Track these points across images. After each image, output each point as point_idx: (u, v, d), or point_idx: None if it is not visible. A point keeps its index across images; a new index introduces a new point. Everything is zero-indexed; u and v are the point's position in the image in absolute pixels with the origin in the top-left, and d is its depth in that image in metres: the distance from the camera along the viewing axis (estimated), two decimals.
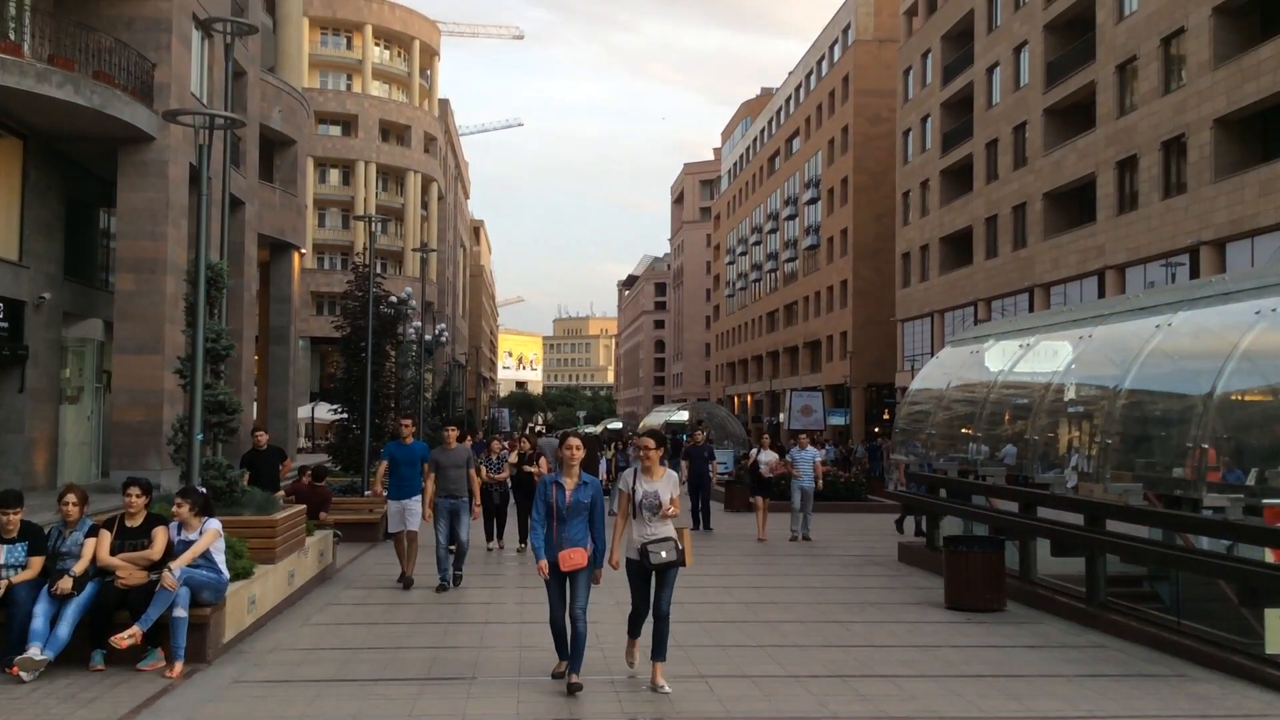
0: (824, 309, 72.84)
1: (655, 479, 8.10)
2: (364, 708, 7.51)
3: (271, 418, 33.06)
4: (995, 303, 47.26)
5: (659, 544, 7.93)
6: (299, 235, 36.74)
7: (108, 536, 8.99)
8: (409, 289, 39.23)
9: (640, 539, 7.99)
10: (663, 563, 7.90)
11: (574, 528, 7.90)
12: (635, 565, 8.07)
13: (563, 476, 8.04)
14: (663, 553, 7.90)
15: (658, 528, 8.00)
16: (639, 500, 8.04)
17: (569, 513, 7.88)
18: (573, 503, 7.91)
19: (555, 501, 7.90)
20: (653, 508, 7.98)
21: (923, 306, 55.45)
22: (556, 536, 7.86)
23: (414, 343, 40.22)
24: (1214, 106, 31.98)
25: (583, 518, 7.95)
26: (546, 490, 7.99)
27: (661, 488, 8.06)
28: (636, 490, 8.07)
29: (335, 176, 73.94)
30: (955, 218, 52.01)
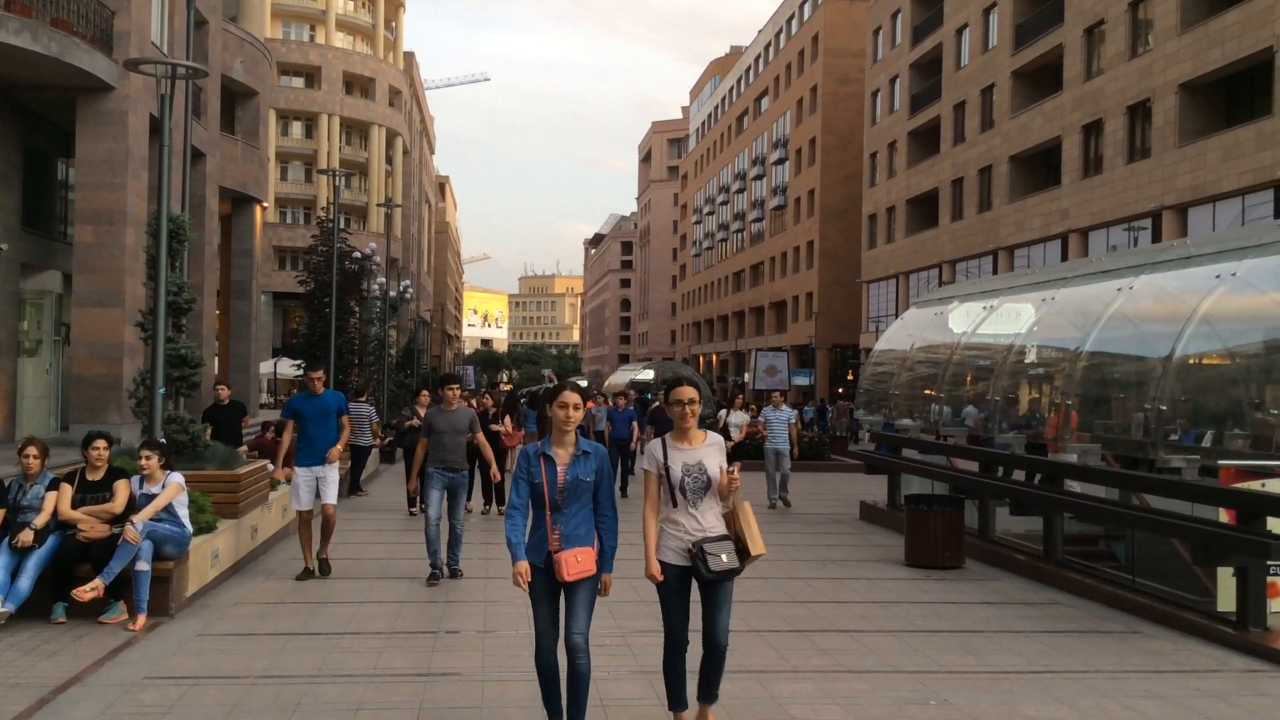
0: (790, 269, 73.00)
1: (695, 444, 5.85)
2: (329, 661, 7.55)
3: (233, 373, 32.82)
4: (960, 265, 47.57)
5: (716, 544, 5.76)
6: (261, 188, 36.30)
7: (69, 490, 8.93)
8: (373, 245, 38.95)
9: (686, 536, 5.83)
10: (724, 569, 5.75)
11: (574, 518, 5.63)
12: (676, 574, 5.87)
13: (553, 446, 5.67)
14: (723, 555, 5.74)
15: (708, 518, 5.84)
16: (678, 479, 5.80)
17: (565, 497, 5.60)
18: (570, 482, 5.60)
19: (546, 481, 5.60)
20: (699, 488, 5.78)
21: (888, 268, 55.71)
22: (551, 530, 5.60)
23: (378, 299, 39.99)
24: (1179, 71, 32.18)
25: (585, 502, 5.68)
26: (532, 466, 5.66)
27: (706, 456, 5.83)
28: (672, 465, 5.81)
29: (298, 129, 72.95)
30: (922, 180, 52.16)
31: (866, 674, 7.46)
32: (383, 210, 63.23)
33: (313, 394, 10.80)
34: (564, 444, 5.63)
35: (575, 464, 5.62)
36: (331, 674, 7.23)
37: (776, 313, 77.25)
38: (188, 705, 6.47)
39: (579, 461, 5.61)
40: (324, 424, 10.70)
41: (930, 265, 50.44)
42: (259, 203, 35.87)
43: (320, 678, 7.12)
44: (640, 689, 6.99)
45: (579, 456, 5.64)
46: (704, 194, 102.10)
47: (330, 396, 10.90)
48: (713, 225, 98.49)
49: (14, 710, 6.29)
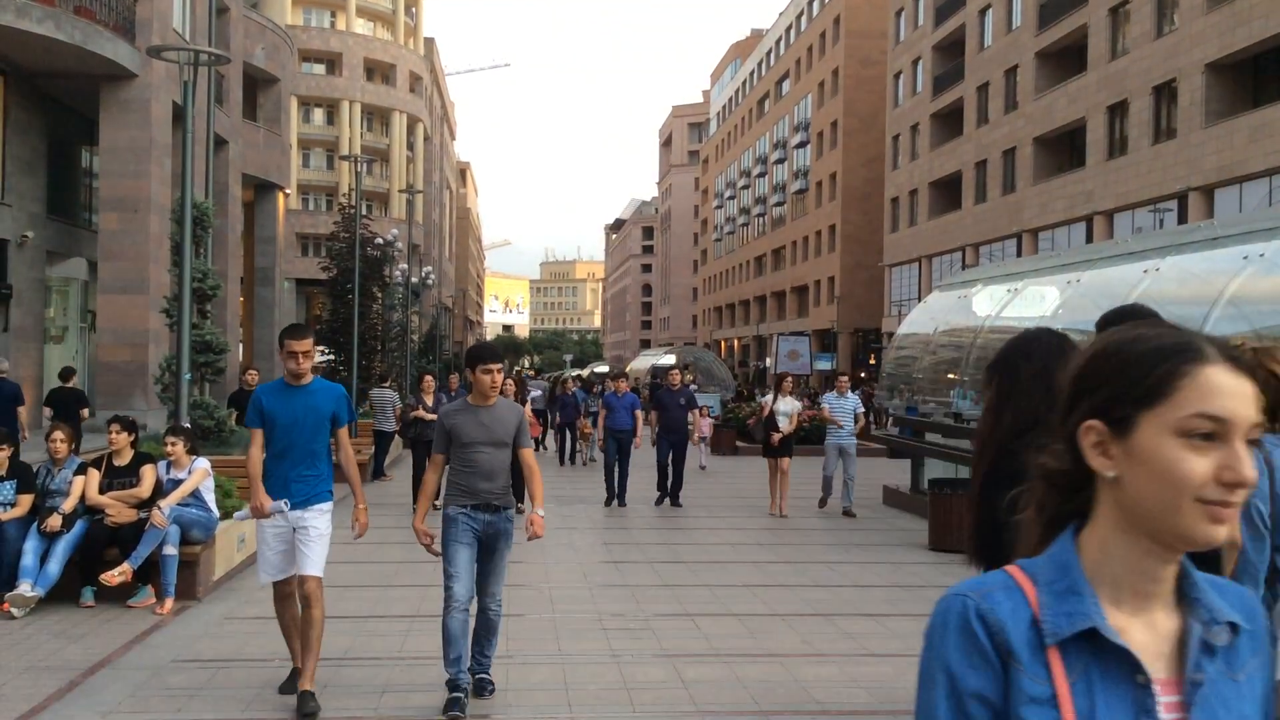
0: (812, 254, 72.76)
1: None
2: (355, 644, 7.60)
3: (257, 360, 33.01)
4: (983, 248, 47.29)
5: None
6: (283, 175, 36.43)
7: (96, 475, 9.01)
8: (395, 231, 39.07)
9: None
10: None
11: None
12: None
13: None
14: None
15: None
16: None
17: None
18: None
19: None
20: None
21: (910, 252, 55.44)
22: None
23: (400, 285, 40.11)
24: (1206, 51, 31.82)
25: None
26: None
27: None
28: None
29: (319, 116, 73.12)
30: (945, 162, 51.83)
31: (890, 658, 7.44)
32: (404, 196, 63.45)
33: (292, 383, 6.49)
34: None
35: None
36: (358, 656, 7.28)
37: (798, 297, 77.02)
38: (216, 687, 6.53)
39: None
40: (308, 435, 6.44)
41: (953, 249, 50.17)
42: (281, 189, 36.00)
43: (346, 660, 7.17)
44: (664, 673, 7.00)
45: None
46: (725, 178, 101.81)
47: (323, 391, 6.55)
48: (734, 210, 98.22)
49: (44, 693, 6.36)
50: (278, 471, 6.46)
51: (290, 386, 6.49)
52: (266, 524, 6.43)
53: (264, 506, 6.38)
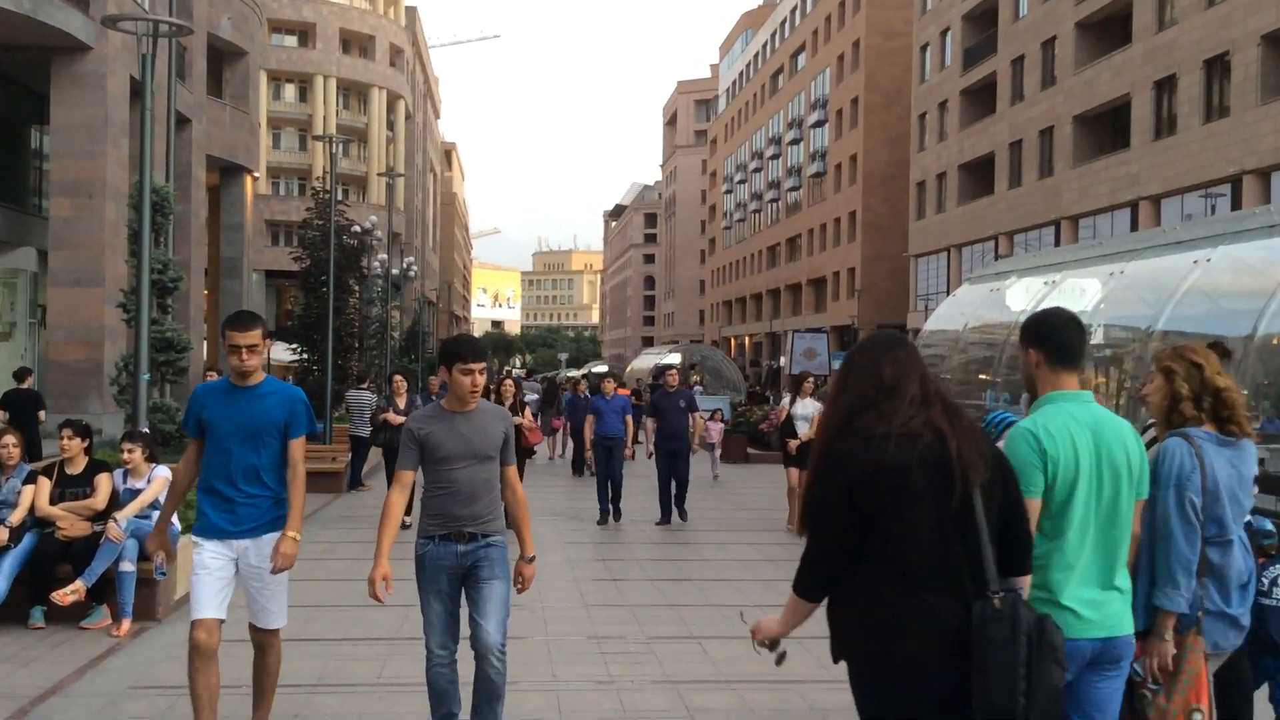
0: (830, 243, 72.77)
1: None
2: (329, 669, 7.60)
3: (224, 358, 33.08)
4: (1018, 237, 47.29)
5: None
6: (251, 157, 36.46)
7: (47, 484, 8.99)
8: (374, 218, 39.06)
9: None
10: None
11: None
12: None
13: None
14: None
15: None
16: None
17: None
18: None
19: None
20: None
21: (938, 240, 55.44)
22: None
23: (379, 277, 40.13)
24: (1262, 21, 31.79)
25: None
26: None
27: None
28: None
29: (291, 92, 73.19)
30: (976, 143, 51.82)
31: None
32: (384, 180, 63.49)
33: (238, 384, 5.87)
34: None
35: None
36: (332, 683, 7.28)
37: (815, 290, 77.02)
38: (178, 716, 6.53)
39: None
40: (255, 447, 5.80)
41: (985, 237, 50.16)
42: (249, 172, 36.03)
43: (320, 687, 7.18)
44: (667, 700, 7.00)
45: None
46: (735, 160, 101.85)
47: (275, 394, 5.90)
48: (745, 195, 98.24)
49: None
50: (218, 491, 5.77)
51: (236, 388, 5.82)
52: (206, 546, 5.74)
53: (158, 550, 6.37)
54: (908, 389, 3.46)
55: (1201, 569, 4.26)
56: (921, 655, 3.27)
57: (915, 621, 3.27)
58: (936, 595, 3.27)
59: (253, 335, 5.79)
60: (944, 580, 3.29)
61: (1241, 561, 4.37)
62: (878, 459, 3.33)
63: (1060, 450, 3.79)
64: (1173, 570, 4.15)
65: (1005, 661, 3.18)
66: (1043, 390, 4.00)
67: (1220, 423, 4.35)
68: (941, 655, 3.25)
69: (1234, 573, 4.35)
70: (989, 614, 3.23)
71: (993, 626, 3.21)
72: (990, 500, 3.37)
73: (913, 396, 3.45)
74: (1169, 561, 4.16)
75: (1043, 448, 3.78)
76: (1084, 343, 4.13)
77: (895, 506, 3.30)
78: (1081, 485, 3.80)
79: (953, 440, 3.35)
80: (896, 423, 3.38)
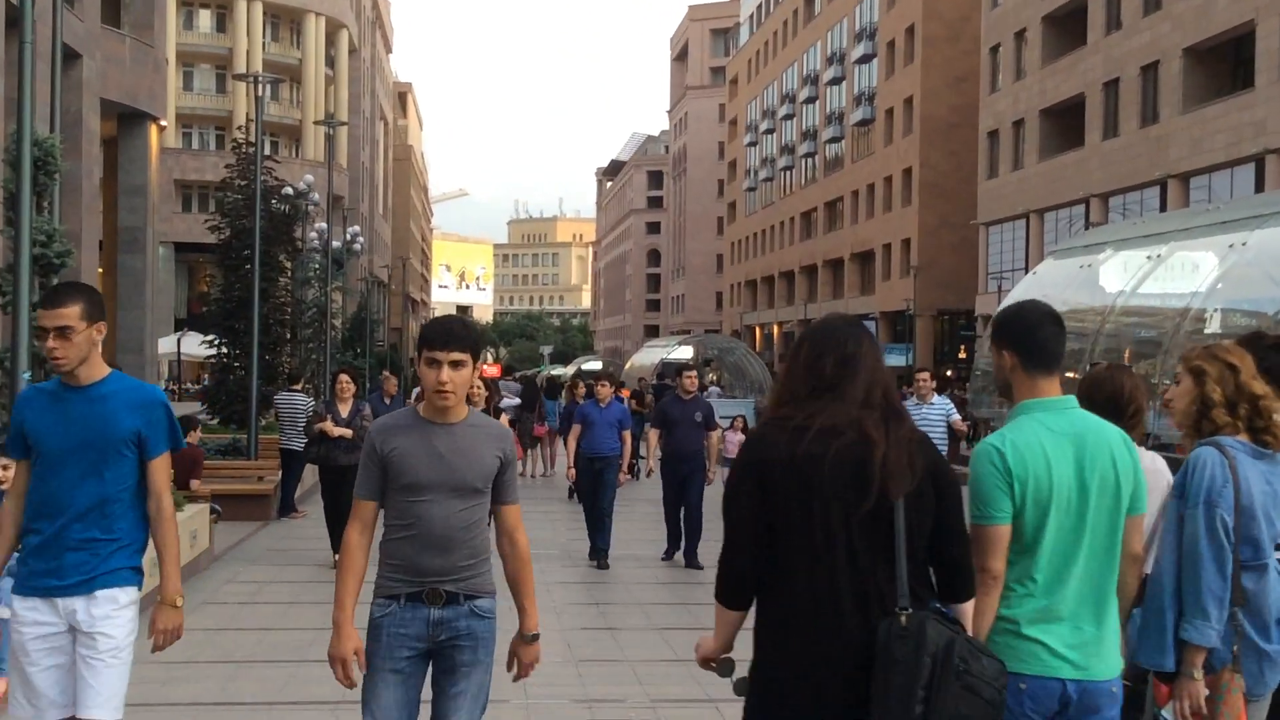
0: (879, 208, 72.72)
1: None
2: None
3: (122, 353, 33.03)
4: (1114, 199, 47.24)
5: None
6: (157, 102, 36.44)
7: None
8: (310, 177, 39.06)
9: None
10: None
11: None
12: None
13: None
14: None
15: None
16: None
17: None
18: None
19: None
20: None
21: (1015, 205, 55.37)
22: None
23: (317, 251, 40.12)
24: None
25: None
26: None
27: None
28: None
29: (206, 20, 73.23)
30: (1062, 82, 51.76)
31: None
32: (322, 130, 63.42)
33: (69, 383, 5.24)
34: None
35: None
36: None
37: (860, 267, 76.98)
38: None
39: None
40: (91, 470, 5.20)
41: (1073, 200, 50.09)
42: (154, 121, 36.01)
43: None
44: None
45: None
46: (760, 105, 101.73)
47: (120, 395, 5.28)
48: (773, 148, 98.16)
49: None
50: (41, 532, 5.16)
51: (67, 388, 5.19)
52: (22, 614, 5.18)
53: None
54: (849, 390, 3.84)
55: (1235, 597, 4.42)
56: (814, 679, 3.69)
57: (812, 643, 3.71)
58: (838, 614, 3.68)
59: (65, 314, 5.04)
60: (850, 596, 3.69)
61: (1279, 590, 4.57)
62: (791, 448, 3.74)
63: (1030, 469, 4.00)
64: (1202, 599, 4.33)
65: (904, 682, 3.55)
66: (1019, 398, 4.22)
67: (1254, 433, 4.54)
68: (837, 679, 3.67)
69: (1272, 603, 4.53)
70: (894, 632, 3.61)
71: (896, 645, 3.58)
72: (917, 516, 3.75)
73: (852, 398, 3.82)
74: (1198, 589, 4.35)
75: (1008, 467, 4.00)
76: (1064, 342, 4.35)
77: (802, 505, 3.72)
78: (1058, 507, 4.01)
79: (880, 448, 3.72)
80: (824, 417, 3.77)
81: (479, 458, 4.99)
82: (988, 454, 4.05)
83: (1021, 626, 4.01)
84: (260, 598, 12.57)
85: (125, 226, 34.99)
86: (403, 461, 4.94)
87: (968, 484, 4.09)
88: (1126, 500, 4.11)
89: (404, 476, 4.93)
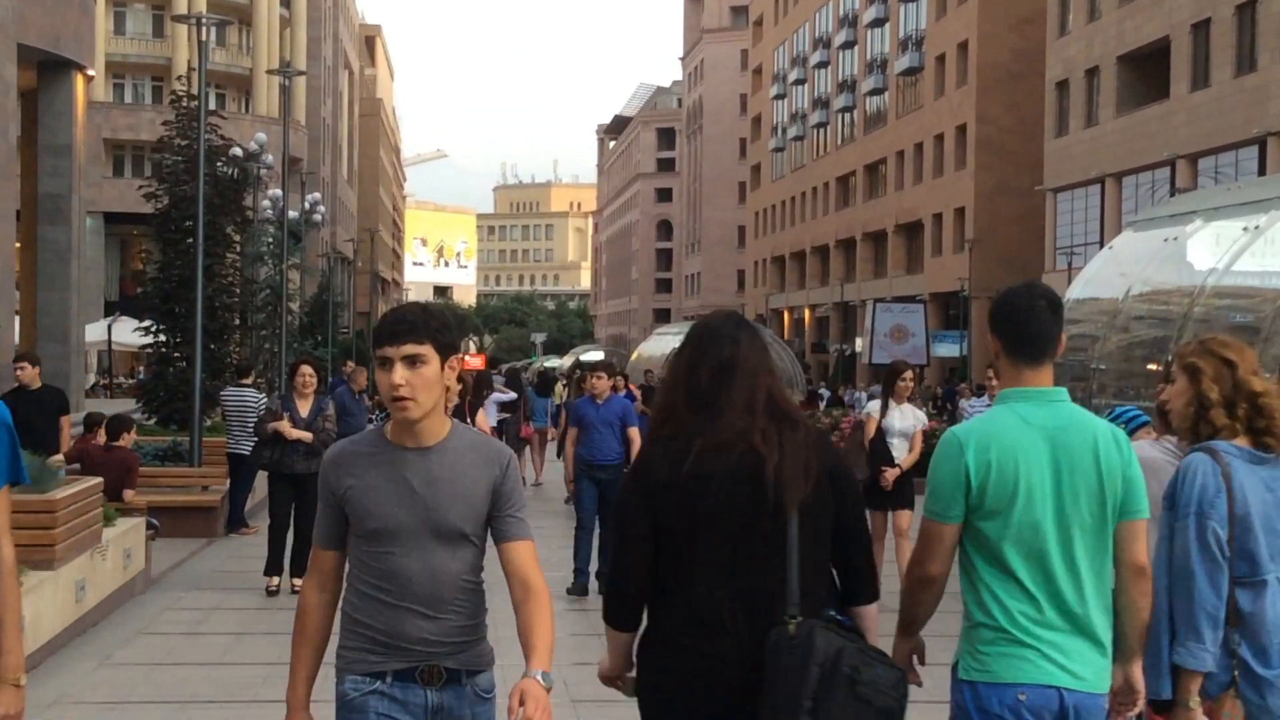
0: (929, 171, 72.69)
1: None
2: None
3: (44, 342, 33.01)
4: (1204, 161, 47.17)
5: None
6: (84, 47, 36.43)
7: None
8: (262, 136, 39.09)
9: None
10: None
11: None
12: None
13: None
14: None
15: None
16: None
17: None
18: None
19: None
20: None
21: (1088, 168, 55.31)
22: None
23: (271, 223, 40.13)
24: None
25: None
26: None
27: None
28: None
29: None
30: (1143, 24, 51.68)
31: None
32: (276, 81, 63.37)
33: None
34: None
35: None
36: None
37: (906, 241, 76.96)
38: None
39: None
40: None
41: (1157, 162, 50.02)
42: (81, 70, 36.01)
43: None
44: None
45: None
46: (789, 51, 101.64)
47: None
48: (803, 101, 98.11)
49: None
50: None
51: None
52: None
53: None
54: (728, 401, 4.19)
55: (1231, 617, 4.60)
56: (701, 693, 4.16)
57: (700, 655, 4.15)
58: (727, 625, 4.12)
59: None
60: (741, 609, 4.12)
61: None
62: (675, 471, 4.14)
63: (993, 462, 4.24)
64: (1195, 619, 4.54)
65: (790, 690, 3.94)
66: (1003, 386, 4.56)
67: (1255, 434, 4.74)
68: (725, 691, 4.12)
69: (1272, 623, 4.67)
70: (782, 640, 4.01)
71: (783, 653, 3.99)
72: (814, 521, 4.15)
73: (734, 408, 4.18)
74: (1190, 608, 4.56)
75: (966, 460, 4.26)
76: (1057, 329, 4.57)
77: (690, 526, 4.14)
78: (1027, 507, 4.24)
79: (771, 460, 4.09)
80: (708, 432, 4.15)
81: (465, 490, 4.36)
82: (948, 446, 4.34)
83: (1014, 633, 4.22)
84: (204, 628, 12.57)
85: (46, 193, 34.95)
86: (364, 500, 4.37)
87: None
88: (1113, 503, 4.27)
89: (368, 520, 4.36)
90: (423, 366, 4.28)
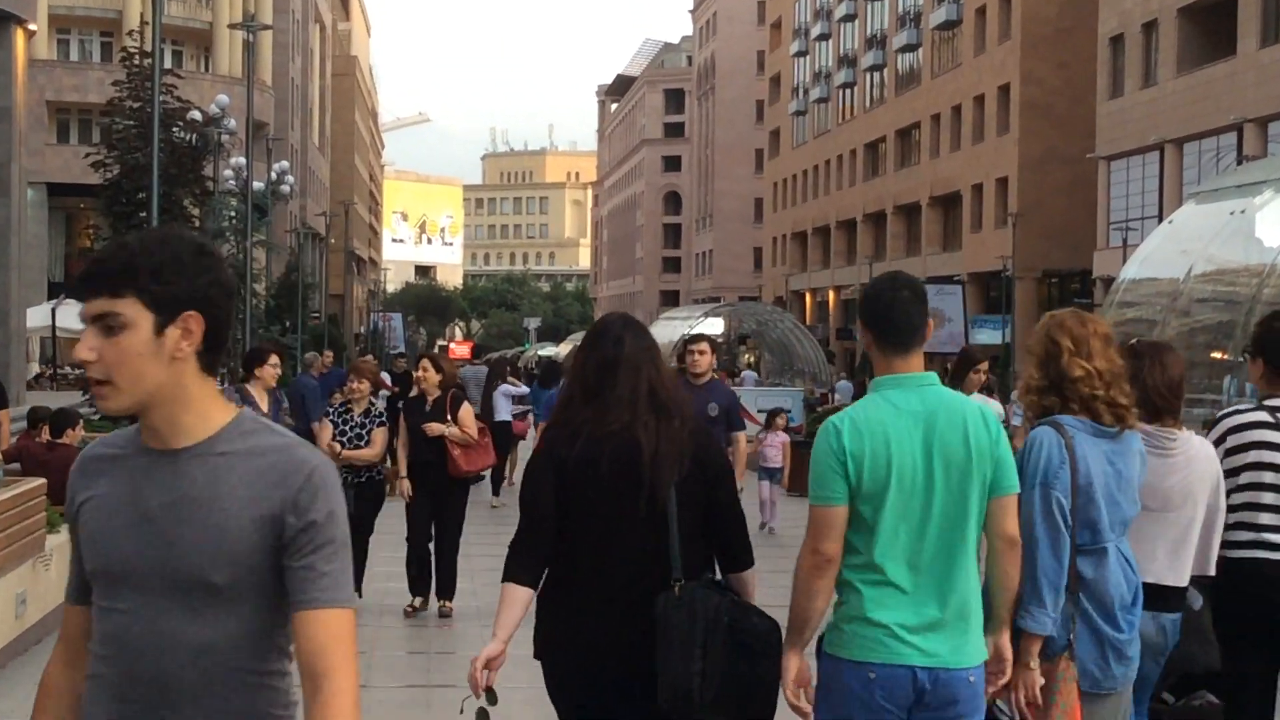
0: (968, 137, 72.70)
1: None
2: None
3: None
4: (1274, 125, 47.16)
5: None
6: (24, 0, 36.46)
7: None
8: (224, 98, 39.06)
9: None
10: None
11: None
12: None
13: None
14: None
15: None
16: None
17: None
18: None
19: None
20: None
21: (1145, 133, 55.32)
22: None
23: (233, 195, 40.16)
24: None
25: None
26: None
27: None
28: None
29: None
30: None
31: None
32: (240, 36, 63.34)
33: None
34: None
35: None
36: None
37: (943, 214, 76.99)
38: None
39: None
40: None
41: (1222, 127, 50.03)
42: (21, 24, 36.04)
43: None
44: None
45: None
46: (811, 3, 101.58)
47: None
48: (827, 60, 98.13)
49: None
50: None
51: None
52: None
53: None
54: (612, 394, 5.26)
55: (1072, 583, 5.31)
56: (597, 654, 5.24)
57: (594, 620, 5.20)
58: (618, 592, 5.19)
59: None
60: (630, 576, 5.18)
61: (1121, 576, 5.43)
62: (568, 452, 5.22)
63: (867, 448, 4.82)
64: (1037, 584, 5.17)
65: (681, 643, 5.01)
66: (875, 374, 5.18)
67: (1091, 412, 5.38)
68: (619, 652, 5.18)
69: (1113, 589, 5.39)
70: (670, 601, 5.08)
71: (672, 613, 5.06)
72: (689, 498, 5.22)
73: (618, 398, 5.24)
74: (1033, 574, 5.16)
75: (843, 446, 4.84)
76: (921, 317, 5.11)
77: (584, 500, 5.21)
78: (899, 488, 4.81)
79: (647, 449, 5.15)
80: (595, 421, 5.23)
81: (217, 519, 3.10)
82: (825, 433, 4.96)
83: (866, 612, 4.84)
84: None
85: None
86: (91, 525, 3.24)
87: None
88: (980, 479, 4.86)
89: (89, 555, 3.24)
90: (123, 333, 3.05)
